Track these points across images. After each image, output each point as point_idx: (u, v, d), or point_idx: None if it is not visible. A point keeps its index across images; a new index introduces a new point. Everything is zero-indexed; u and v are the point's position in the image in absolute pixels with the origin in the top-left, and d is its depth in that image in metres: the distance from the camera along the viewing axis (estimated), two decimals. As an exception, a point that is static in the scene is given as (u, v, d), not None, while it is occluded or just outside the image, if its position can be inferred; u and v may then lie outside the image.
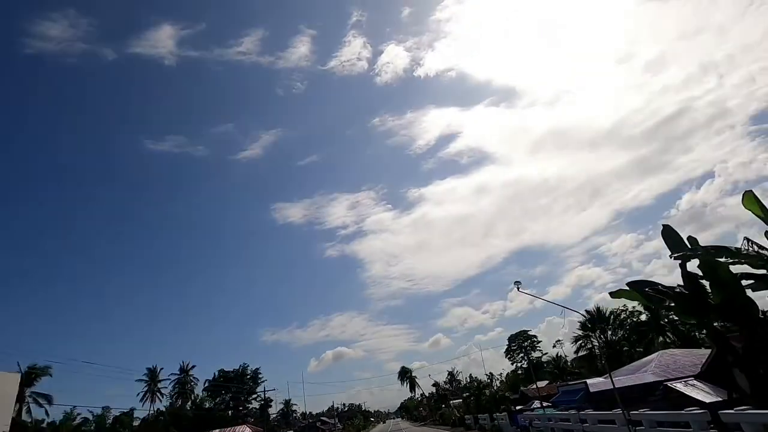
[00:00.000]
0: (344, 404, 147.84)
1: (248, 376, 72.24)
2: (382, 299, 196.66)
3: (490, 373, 73.21)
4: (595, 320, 54.93)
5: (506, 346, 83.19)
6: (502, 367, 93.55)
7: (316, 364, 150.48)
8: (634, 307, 50.57)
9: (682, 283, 9.26)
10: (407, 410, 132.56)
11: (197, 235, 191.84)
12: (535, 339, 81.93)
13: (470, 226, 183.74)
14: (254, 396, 72.25)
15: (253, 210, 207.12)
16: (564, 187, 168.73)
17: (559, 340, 78.48)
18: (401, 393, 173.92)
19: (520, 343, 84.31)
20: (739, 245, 8.44)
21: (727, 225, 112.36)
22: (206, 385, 72.92)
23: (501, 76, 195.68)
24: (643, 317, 50.92)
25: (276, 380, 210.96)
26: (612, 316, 54.21)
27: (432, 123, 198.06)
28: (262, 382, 72.44)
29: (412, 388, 77.92)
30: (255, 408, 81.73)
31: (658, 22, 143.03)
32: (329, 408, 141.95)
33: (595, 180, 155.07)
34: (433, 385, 74.71)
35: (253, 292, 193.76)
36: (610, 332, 53.86)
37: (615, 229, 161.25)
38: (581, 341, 55.35)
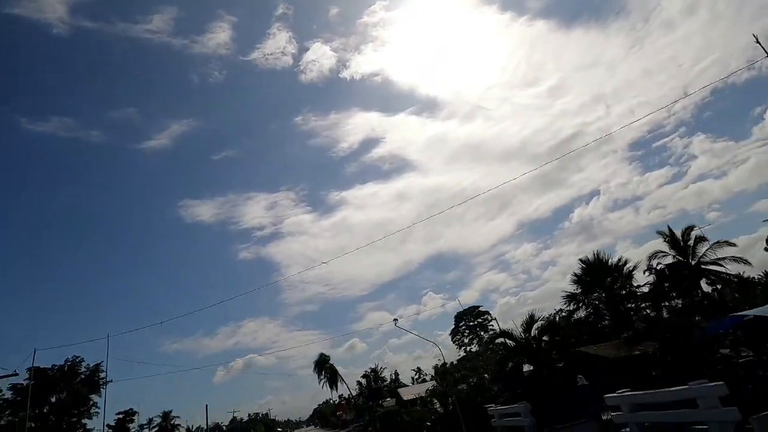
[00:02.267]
0: (249, 415, 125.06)
1: (83, 374, 46.70)
2: (298, 304, 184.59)
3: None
4: (597, 270, 39.69)
5: (453, 327, 66.90)
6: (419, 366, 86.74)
7: (224, 373, 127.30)
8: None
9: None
10: (322, 416, 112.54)
11: (82, 231, 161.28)
12: (488, 317, 66.48)
13: (389, 231, 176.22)
14: (89, 406, 46.68)
15: (157, 206, 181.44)
16: (476, 197, 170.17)
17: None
18: (317, 397, 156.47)
19: (468, 322, 68.56)
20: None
21: (608, 238, 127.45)
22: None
23: (424, 86, 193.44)
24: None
25: (176, 398, 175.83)
26: (619, 264, 39.28)
27: (356, 126, 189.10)
28: (106, 383, 47.22)
29: (333, 384, 57.87)
30: (108, 426, 55.91)
31: (560, 51, 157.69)
32: (231, 420, 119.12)
33: (504, 192, 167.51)
34: (363, 376, 55.43)
35: (152, 297, 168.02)
36: (617, 286, 38.75)
37: (518, 239, 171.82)
38: (577, 300, 39.71)
